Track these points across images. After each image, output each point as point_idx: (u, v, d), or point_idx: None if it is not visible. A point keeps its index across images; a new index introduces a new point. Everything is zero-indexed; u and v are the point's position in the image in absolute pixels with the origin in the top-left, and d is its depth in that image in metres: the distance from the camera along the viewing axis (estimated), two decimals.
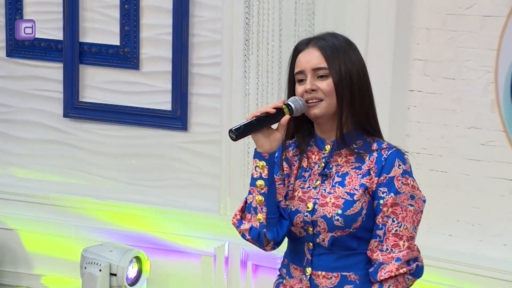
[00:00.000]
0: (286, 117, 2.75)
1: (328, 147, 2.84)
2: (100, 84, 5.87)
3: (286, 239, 2.92)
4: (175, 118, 5.66)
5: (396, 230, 2.73)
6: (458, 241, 4.94)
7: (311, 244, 2.81)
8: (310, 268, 2.82)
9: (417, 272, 2.77)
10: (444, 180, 4.97)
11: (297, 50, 2.86)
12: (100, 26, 5.82)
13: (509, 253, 4.80)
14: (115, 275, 5.28)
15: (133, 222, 5.71)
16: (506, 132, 4.76)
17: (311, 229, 2.79)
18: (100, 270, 5.27)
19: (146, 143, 5.78)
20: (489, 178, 4.85)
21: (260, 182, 2.76)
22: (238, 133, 2.70)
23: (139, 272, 5.39)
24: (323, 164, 2.83)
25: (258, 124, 2.73)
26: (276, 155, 2.88)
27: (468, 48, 4.82)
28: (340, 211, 2.74)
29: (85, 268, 5.31)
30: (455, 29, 4.84)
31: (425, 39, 4.94)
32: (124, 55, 5.76)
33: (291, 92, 2.85)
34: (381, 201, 2.74)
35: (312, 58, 2.80)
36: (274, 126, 2.77)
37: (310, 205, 2.79)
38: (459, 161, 4.92)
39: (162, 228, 5.66)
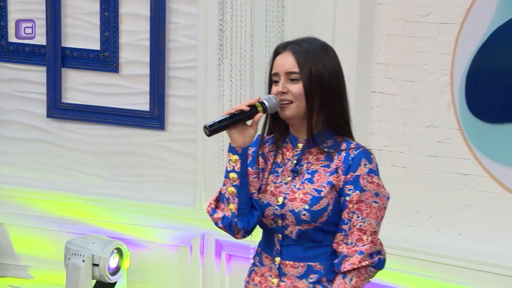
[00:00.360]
0: (259, 114, 2.75)
1: (300, 145, 2.84)
2: (82, 86, 5.84)
3: (260, 230, 2.92)
4: (153, 118, 5.66)
5: (360, 225, 2.73)
6: (417, 231, 4.97)
7: (280, 236, 2.82)
8: (279, 258, 2.82)
9: (379, 265, 2.78)
10: (404, 175, 5.00)
11: (276, 52, 2.85)
12: (81, 32, 5.79)
13: (464, 242, 4.84)
14: (97, 265, 5.25)
15: (114, 215, 5.69)
16: (461, 130, 4.80)
17: (280, 222, 2.80)
18: (83, 261, 5.25)
19: (126, 141, 5.77)
20: (445, 173, 4.88)
21: (233, 175, 2.76)
22: (212, 129, 2.71)
23: (120, 262, 5.38)
24: (295, 161, 2.84)
25: (232, 121, 2.72)
26: (253, 149, 2.91)
27: (426, 52, 4.86)
28: (307, 207, 2.74)
29: (69, 259, 5.29)
30: (414, 35, 4.87)
31: (386, 44, 4.97)
32: (104, 59, 5.75)
33: (270, 90, 2.85)
34: (347, 198, 2.74)
35: (286, 62, 2.79)
36: (250, 122, 2.77)
37: (280, 199, 2.79)
38: (418, 157, 4.95)
39: (141, 221, 5.65)
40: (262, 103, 2.76)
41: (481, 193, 4.79)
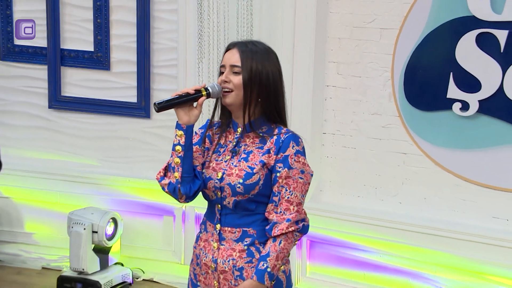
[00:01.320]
0: (203, 98, 2.76)
1: (239, 130, 2.86)
2: (78, 82, 5.77)
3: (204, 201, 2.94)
4: (140, 108, 5.62)
5: (288, 197, 2.77)
6: (365, 201, 5.03)
7: (220, 206, 2.84)
8: (219, 225, 2.84)
9: (304, 230, 2.82)
10: (354, 154, 5.04)
11: (227, 49, 2.87)
12: (78, 36, 5.72)
13: (404, 209, 4.92)
14: (96, 232, 5.21)
15: (108, 190, 5.65)
16: (400, 117, 4.86)
17: (219, 193, 2.82)
18: (84, 229, 5.21)
19: (116, 128, 5.73)
20: (388, 152, 4.94)
21: (178, 148, 2.77)
22: (160, 106, 2.72)
23: (115, 230, 5.35)
24: (234, 143, 2.86)
25: (179, 101, 2.73)
26: (202, 131, 2.93)
27: (371, 53, 4.90)
28: (241, 181, 2.76)
29: (72, 227, 5.25)
30: (360, 39, 4.91)
31: (337, 46, 4.99)
32: (98, 59, 5.69)
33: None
34: (278, 174, 2.77)
35: (232, 57, 2.81)
36: (195, 104, 2.77)
37: (220, 174, 2.81)
38: (365, 139, 5.00)
39: (131, 195, 5.62)
40: (206, 89, 2.77)
41: (417, 169, 4.86)
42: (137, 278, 5.56)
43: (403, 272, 4.83)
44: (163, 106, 2.74)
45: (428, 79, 4.73)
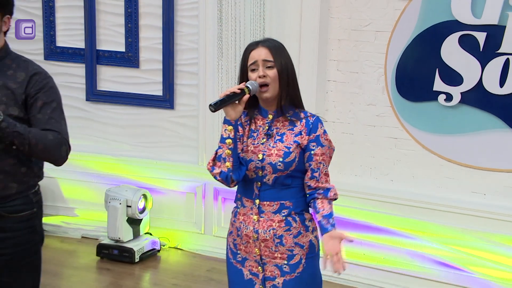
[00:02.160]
0: (247, 95, 2.68)
1: (271, 116, 2.79)
2: (112, 78, 5.71)
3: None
4: (165, 100, 5.56)
5: (325, 172, 2.77)
6: (361, 179, 5.00)
7: (260, 183, 2.77)
8: (258, 200, 2.78)
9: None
10: (352, 139, 5.01)
11: (248, 50, 2.77)
12: (111, 39, 5.66)
13: (395, 186, 4.88)
14: (130, 206, 5.18)
15: (139, 171, 5.60)
16: (392, 107, 4.82)
17: (260, 172, 2.75)
18: (120, 204, 5.18)
19: (145, 118, 5.67)
20: (381, 137, 4.90)
21: (229, 141, 2.71)
22: (216, 107, 2.63)
23: (145, 204, 5.32)
24: (267, 127, 2.79)
25: (228, 100, 2.65)
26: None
27: (366, 52, 4.85)
28: (281, 159, 2.72)
29: (109, 202, 5.22)
30: (358, 40, 4.86)
31: (337, 46, 4.95)
32: (128, 58, 5.62)
33: (244, 79, 2.77)
34: (313, 152, 2.74)
35: (262, 53, 2.72)
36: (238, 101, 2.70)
37: (260, 156, 2.75)
38: (361, 126, 4.96)
39: (159, 175, 5.57)
40: (247, 87, 2.69)
41: (407, 151, 4.83)
42: (164, 246, 5.51)
43: (395, 233, 4.81)
44: (218, 107, 2.64)
45: (417, 74, 4.69)
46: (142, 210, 5.31)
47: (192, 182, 5.47)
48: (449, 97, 4.60)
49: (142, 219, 5.36)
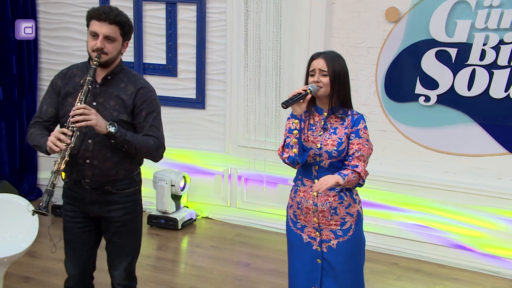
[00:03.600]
0: (309, 95, 2.59)
1: (325, 113, 2.70)
2: (155, 85, 5.05)
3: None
4: (198, 102, 5.38)
5: (358, 156, 2.65)
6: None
7: (317, 166, 2.69)
8: (317, 180, 2.68)
9: (361, 185, 2.72)
10: None
11: (311, 59, 2.69)
12: (155, 54, 5.45)
13: (383, 168, 4.76)
14: (173, 185, 5.03)
15: (179, 158, 5.41)
16: (381, 107, 4.70)
17: (318, 158, 2.67)
18: (166, 183, 5.00)
19: (182, 116, 5.47)
20: (372, 130, 4.50)
21: (295, 132, 2.63)
22: (287, 104, 2.54)
23: (185, 184, 5.17)
24: (323, 122, 2.69)
25: (296, 99, 2.56)
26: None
27: (361, 64, 4.74)
28: (336, 148, 2.63)
29: (158, 182, 5.03)
30: (353, 54, 4.74)
31: None
32: (169, 69, 5.44)
33: (307, 81, 2.68)
34: (351, 141, 2.65)
35: (319, 64, 2.65)
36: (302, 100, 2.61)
37: (318, 145, 2.66)
38: None
39: (194, 161, 5.39)
40: (310, 89, 2.60)
41: (393, 141, 4.72)
42: (198, 216, 5.37)
43: (384, 207, 4.72)
44: (288, 104, 2.56)
45: (401, 81, 4.59)
46: (183, 188, 5.15)
47: (220, 166, 5.31)
48: (427, 99, 4.50)
49: (182, 195, 5.19)
